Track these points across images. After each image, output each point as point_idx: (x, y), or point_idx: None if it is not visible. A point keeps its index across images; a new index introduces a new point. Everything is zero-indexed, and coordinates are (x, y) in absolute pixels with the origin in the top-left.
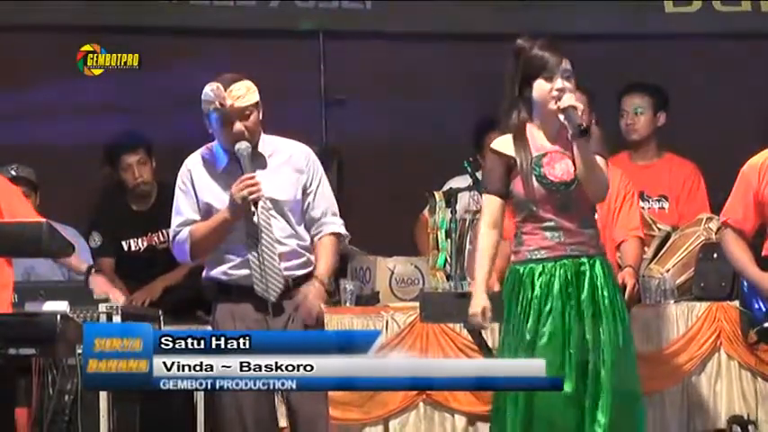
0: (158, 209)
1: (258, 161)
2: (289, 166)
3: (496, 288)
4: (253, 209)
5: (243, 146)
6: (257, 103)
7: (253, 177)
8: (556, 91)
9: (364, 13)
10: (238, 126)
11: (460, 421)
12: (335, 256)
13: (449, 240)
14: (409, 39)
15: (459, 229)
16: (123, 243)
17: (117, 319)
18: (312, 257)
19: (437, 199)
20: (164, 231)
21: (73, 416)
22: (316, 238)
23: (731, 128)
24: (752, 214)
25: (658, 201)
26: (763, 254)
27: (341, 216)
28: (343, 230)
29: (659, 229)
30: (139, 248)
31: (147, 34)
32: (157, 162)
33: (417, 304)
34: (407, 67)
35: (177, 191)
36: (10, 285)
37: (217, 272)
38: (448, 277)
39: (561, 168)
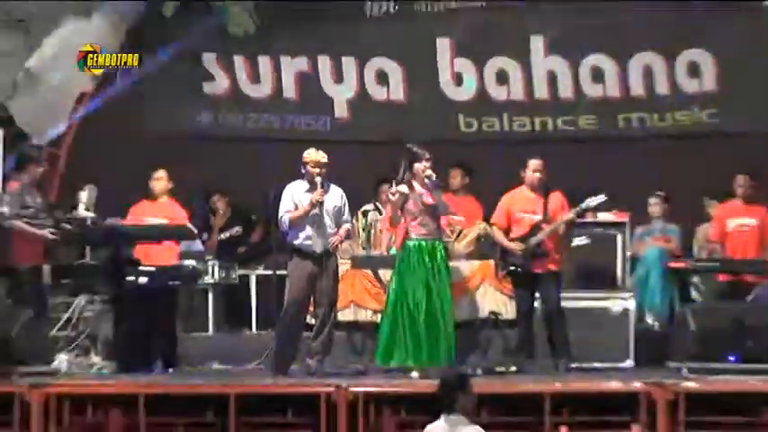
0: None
1: (324, 187)
2: (334, 197)
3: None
4: (319, 208)
5: (319, 178)
6: (327, 164)
7: (322, 191)
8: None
9: None
10: (319, 171)
11: None
12: (347, 230)
13: (364, 233)
14: None
15: (368, 228)
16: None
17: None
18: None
19: (360, 216)
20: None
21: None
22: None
23: None
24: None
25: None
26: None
27: None
28: (351, 229)
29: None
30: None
31: None
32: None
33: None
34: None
35: (285, 196)
36: (176, 251)
37: (294, 241)
38: (364, 249)
39: None
